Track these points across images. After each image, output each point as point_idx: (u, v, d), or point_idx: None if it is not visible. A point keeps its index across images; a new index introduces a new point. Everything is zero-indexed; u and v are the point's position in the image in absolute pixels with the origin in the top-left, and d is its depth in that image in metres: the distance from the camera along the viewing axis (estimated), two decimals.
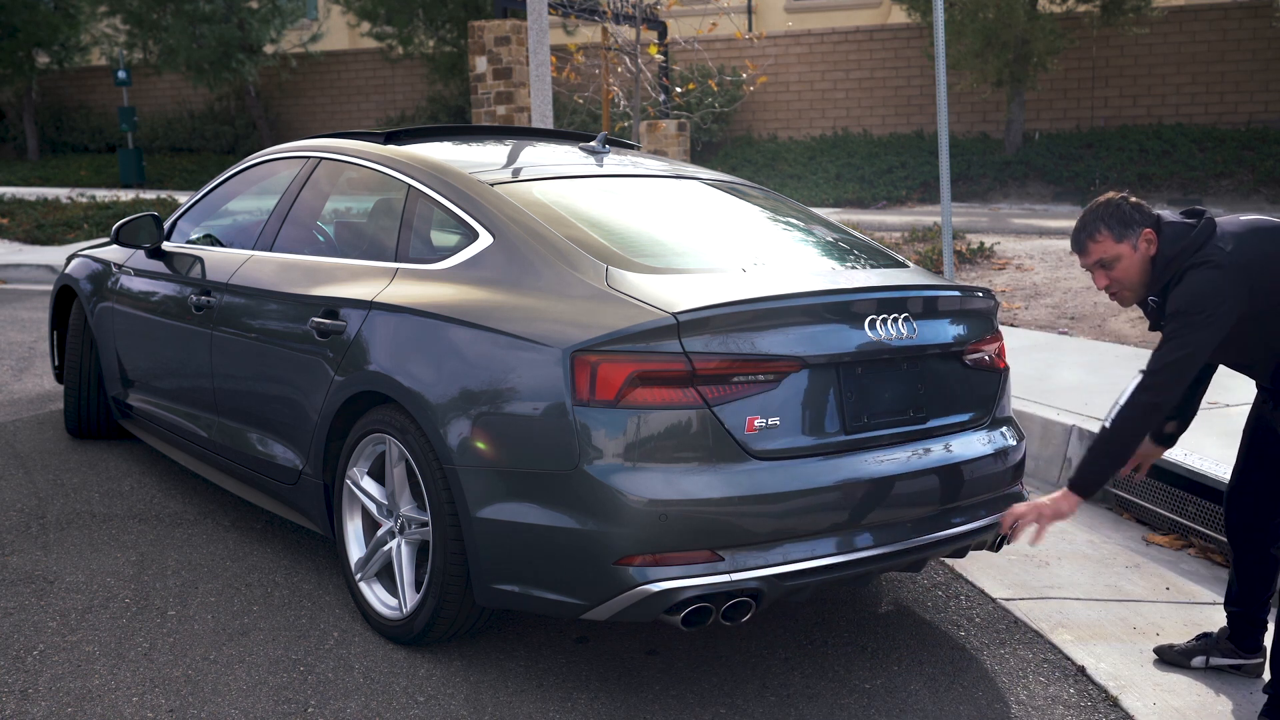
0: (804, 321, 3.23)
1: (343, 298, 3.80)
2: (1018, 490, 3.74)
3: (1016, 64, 16.76)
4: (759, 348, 3.13)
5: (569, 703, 3.27)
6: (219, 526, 4.57)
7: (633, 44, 11.71)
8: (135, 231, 5.06)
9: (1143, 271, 3.27)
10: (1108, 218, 3.26)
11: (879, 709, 3.29)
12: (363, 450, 3.67)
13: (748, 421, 3.09)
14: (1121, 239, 3.25)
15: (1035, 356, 6.79)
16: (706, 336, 3.07)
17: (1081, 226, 3.31)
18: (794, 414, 3.18)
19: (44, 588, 3.96)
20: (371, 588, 3.69)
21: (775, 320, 3.18)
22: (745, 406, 3.09)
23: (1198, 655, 3.59)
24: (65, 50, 23.44)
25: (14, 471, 5.21)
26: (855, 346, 3.28)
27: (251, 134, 23.52)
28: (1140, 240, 3.25)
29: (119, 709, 3.18)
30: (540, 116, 8.57)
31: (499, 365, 3.24)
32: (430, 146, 4.25)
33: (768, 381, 3.14)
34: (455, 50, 21.06)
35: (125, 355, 5.17)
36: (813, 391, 3.21)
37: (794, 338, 3.19)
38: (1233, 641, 3.55)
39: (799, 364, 3.18)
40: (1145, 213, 3.29)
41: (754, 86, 17.23)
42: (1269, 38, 17.60)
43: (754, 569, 3.04)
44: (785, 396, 3.16)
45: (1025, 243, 11.93)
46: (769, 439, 3.12)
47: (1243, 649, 3.55)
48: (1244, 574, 3.51)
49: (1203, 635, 3.63)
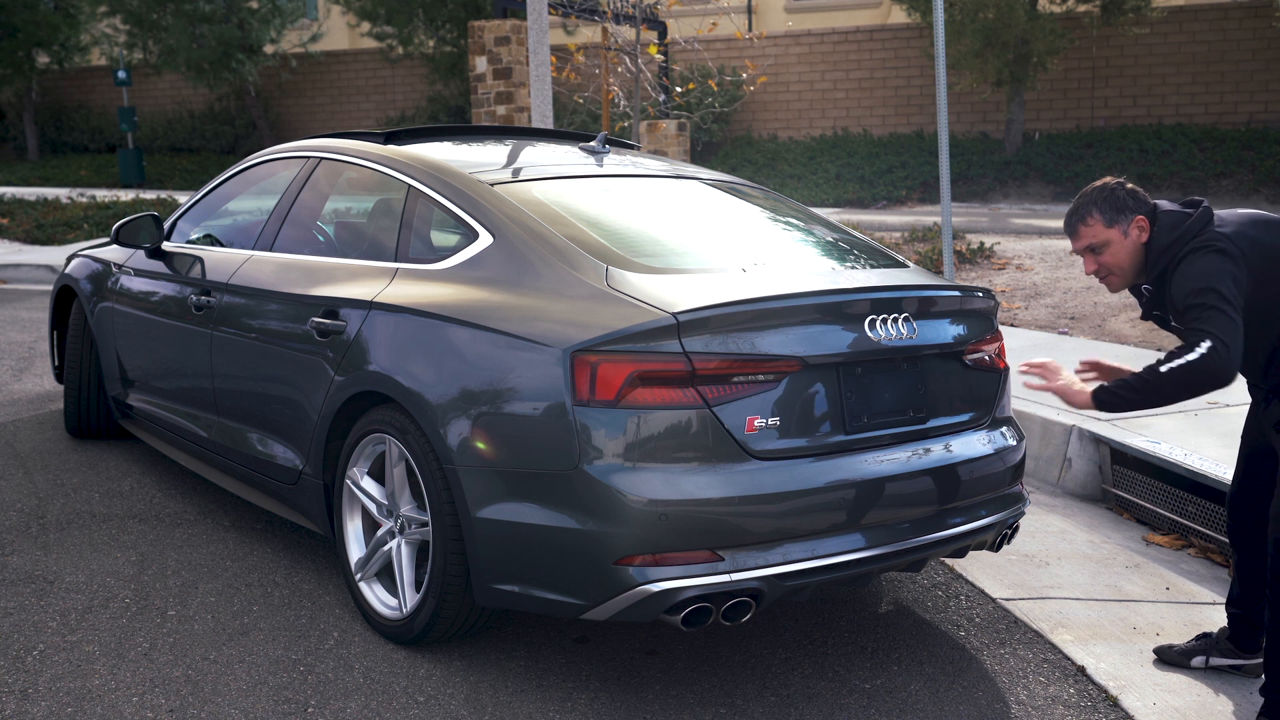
0: (804, 322, 3.23)
1: (343, 298, 3.80)
2: (1018, 490, 3.74)
3: (1016, 64, 16.76)
4: (759, 348, 3.13)
5: (569, 703, 3.27)
6: (219, 526, 4.57)
7: (633, 44, 11.71)
8: (135, 231, 5.06)
9: (1132, 258, 3.26)
10: (1100, 202, 3.25)
11: (879, 709, 3.29)
12: (363, 450, 3.67)
13: (748, 421, 3.09)
14: (1112, 224, 3.23)
15: (1035, 356, 6.79)
16: (706, 336, 3.07)
17: (1074, 210, 3.30)
18: (794, 414, 3.18)
19: (44, 588, 3.96)
20: (371, 588, 3.69)
21: (775, 320, 3.18)
22: (745, 406, 3.09)
23: (1198, 655, 3.58)
24: (65, 50, 23.43)
25: (14, 471, 5.21)
26: (855, 347, 3.28)
27: (251, 134, 23.52)
28: (1132, 226, 3.23)
29: (119, 709, 3.18)
30: (540, 116, 8.57)
31: (499, 365, 3.24)
32: (430, 146, 4.25)
33: (768, 381, 3.14)
34: (455, 50, 21.06)
35: (125, 355, 5.17)
36: (813, 392, 3.21)
37: (794, 338, 3.19)
38: (1232, 641, 3.55)
39: (799, 364, 3.18)
40: (1140, 199, 3.27)
41: (754, 86, 17.23)
42: (1269, 38, 17.60)
43: (754, 569, 3.04)
44: (785, 396, 3.16)
45: (1025, 243, 11.93)
46: (769, 439, 3.12)
47: (1242, 649, 3.54)
48: (1245, 577, 3.51)
49: (1202, 635, 3.63)
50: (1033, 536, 4.68)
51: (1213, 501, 4.55)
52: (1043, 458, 5.47)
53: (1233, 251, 3.13)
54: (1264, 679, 3.23)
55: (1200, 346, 3.06)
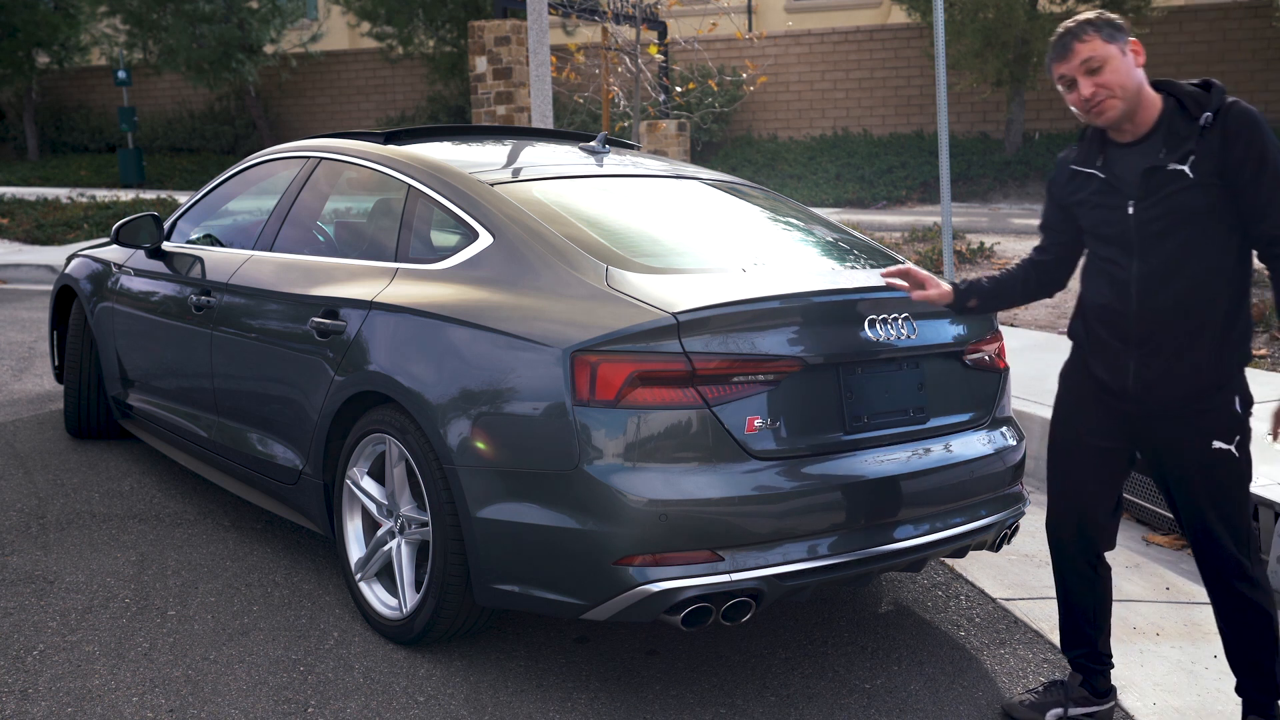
0: (804, 321, 3.23)
1: (343, 298, 3.80)
2: (1018, 490, 3.75)
3: (1016, 64, 16.76)
4: (759, 348, 3.13)
5: (569, 703, 3.27)
6: (219, 526, 4.57)
7: (633, 44, 11.71)
8: (135, 231, 5.06)
9: (1134, 79, 2.89)
10: (1096, 22, 2.91)
11: (879, 709, 3.29)
12: (363, 450, 3.67)
13: (748, 421, 3.09)
14: (1111, 40, 2.88)
15: (1035, 356, 6.79)
16: (706, 336, 3.07)
17: (1065, 32, 2.93)
18: (794, 414, 3.18)
19: (44, 588, 3.96)
20: (371, 588, 3.69)
21: (775, 320, 3.18)
22: (745, 406, 3.09)
23: (1053, 709, 3.24)
24: (65, 50, 23.44)
25: (14, 471, 5.21)
26: (855, 347, 3.28)
27: (251, 134, 23.52)
28: (1129, 47, 2.90)
29: (119, 709, 3.18)
30: (540, 116, 8.58)
31: (499, 365, 3.24)
32: (430, 146, 4.25)
33: (768, 381, 3.14)
34: (455, 50, 21.06)
35: (125, 355, 5.17)
36: (813, 391, 3.21)
37: (794, 337, 3.19)
38: (1086, 687, 3.27)
39: (799, 364, 3.18)
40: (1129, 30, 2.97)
41: (754, 86, 17.23)
42: (1269, 38, 17.60)
43: (754, 569, 3.04)
44: (785, 396, 3.16)
45: (1025, 243, 11.93)
46: (769, 439, 3.12)
47: (1097, 694, 3.27)
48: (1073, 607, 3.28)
49: (1054, 683, 3.31)
50: (1033, 536, 4.67)
51: None
52: (1042, 458, 5.46)
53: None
54: (1235, 679, 3.09)
55: None
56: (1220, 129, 2.81)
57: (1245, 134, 2.79)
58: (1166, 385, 2.94)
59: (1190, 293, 2.88)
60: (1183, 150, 2.85)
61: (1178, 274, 2.88)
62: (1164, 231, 2.88)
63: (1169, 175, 2.86)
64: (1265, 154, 2.78)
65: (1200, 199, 2.84)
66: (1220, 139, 2.81)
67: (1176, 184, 2.85)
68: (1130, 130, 2.94)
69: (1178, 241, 2.87)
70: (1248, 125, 2.80)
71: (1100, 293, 3.01)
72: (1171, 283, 2.89)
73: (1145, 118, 2.92)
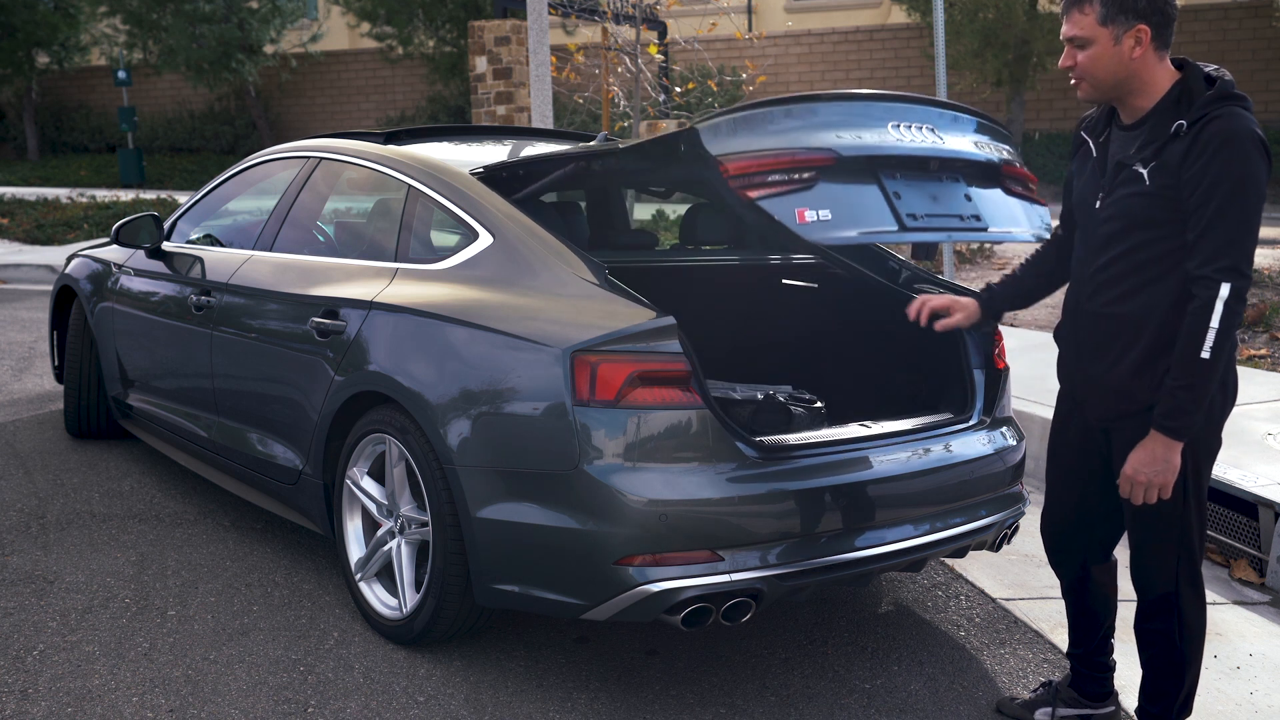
0: None
1: (343, 298, 3.80)
2: (1018, 490, 3.75)
3: (1016, 64, 16.77)
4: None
5: (569, 703, 3.27)
6: (219, 526, 4.57)
7: (633, 44, 11.71)
8: (135, 231, 5.06)
9: (1111, 73, 2.66)
10: None
11: (879, 709, 3.29)
12: (363, 450, 3.67)
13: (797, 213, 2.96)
14: (1107, 22, 2.62)
15: (1035, 356, 6.79)
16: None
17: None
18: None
19: (44, 588, 3.96)
20: (371, 588, 3.69)
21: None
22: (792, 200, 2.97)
23: (1042, 707, 3.25)
24: (65, 50, 23.46)
25: (14, 471, 5.21)
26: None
27: (251, 134, 23.52)
28: (1128, 35, 2.62)
29: (119, 709, 3.18)
30: (540, 116, 8.58)
31: (499, 365, 3.24)
32: (430, 146, 4.25)
33: (807, 179, 3.03)
34: (455, 50, 21.06)
35: (125, 355, 5.17)
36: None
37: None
38: (1075, 689, 3.26)
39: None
40: (1161, 9, 2.63)
41: (754, 86, 17.20)
42: (1269, 38, 17.61)
43: (754, 569, 3.04)
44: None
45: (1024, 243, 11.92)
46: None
47: (1086, 696, 3.25)
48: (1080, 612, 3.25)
49: (1045, 684, 3.32)
50: (1033, 536, 4.66)
51: (1212, 501, 4.55)
52: (1042, 458, 5.46)
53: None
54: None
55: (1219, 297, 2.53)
56: (1189, 140, 2.57)
57: (1208, 155, 2.53)
58: (1096, 399, 2.86)
59: (1122, 302, 2.71)
60: (1149, 152, 2.64)
61: (1119, 282, 2.72)
62: (1114, 235, 2.71)
63: (1130, 175, 2.67)
64: (1219, 184, 2.52)
65: (1147, 209, 2.64)
66: (1183, 153, 2.58)
67: (1131, 187, 2.67)
68: (1127, 114, 2.75)
69: (1126, 246, 2.69)
70: (1216, 146, 2.53)
71: (1068, 288, 2.94)
72: (1110, 289, 2.73)
73: (1141, 104, 2.70)
